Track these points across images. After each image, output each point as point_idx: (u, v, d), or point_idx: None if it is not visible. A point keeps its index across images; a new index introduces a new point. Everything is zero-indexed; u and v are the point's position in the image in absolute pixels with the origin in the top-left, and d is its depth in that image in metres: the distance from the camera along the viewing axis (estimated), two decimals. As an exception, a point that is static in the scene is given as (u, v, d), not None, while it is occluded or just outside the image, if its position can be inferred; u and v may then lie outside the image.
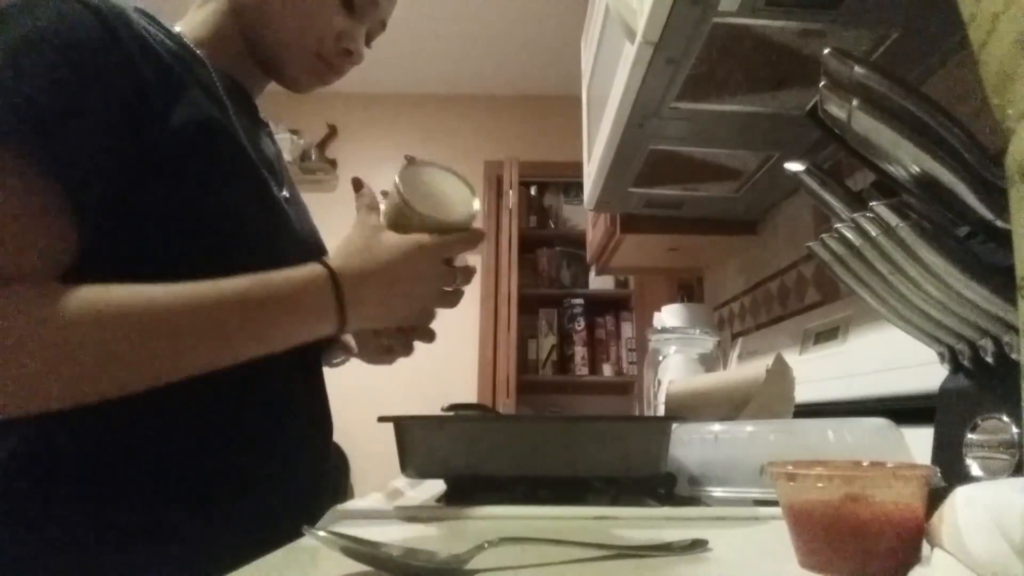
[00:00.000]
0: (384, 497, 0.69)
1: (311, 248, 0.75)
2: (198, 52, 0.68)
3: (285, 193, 0.74)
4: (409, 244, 0.62)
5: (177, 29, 0.70)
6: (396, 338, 0.72)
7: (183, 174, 0.60)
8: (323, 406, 0.78)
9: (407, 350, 0.73)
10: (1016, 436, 0.44)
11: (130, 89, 0.57)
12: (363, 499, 0.67)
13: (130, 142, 0.57)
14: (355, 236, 0.64)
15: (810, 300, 1.24)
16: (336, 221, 1.08)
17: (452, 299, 0.66)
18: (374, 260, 0.61)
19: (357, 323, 0.62)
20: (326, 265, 0.60)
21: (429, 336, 0.70)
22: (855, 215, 0.49)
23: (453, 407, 0.92)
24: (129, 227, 0.58)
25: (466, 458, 0.63)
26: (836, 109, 0.47)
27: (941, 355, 0.53)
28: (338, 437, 0.80)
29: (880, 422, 0.62)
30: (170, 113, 0.59)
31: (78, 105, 0.54)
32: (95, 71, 0.55)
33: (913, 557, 0.34)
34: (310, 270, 0.60)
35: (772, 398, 0.77)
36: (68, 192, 0.53)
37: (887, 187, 0.50)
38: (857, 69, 0.45)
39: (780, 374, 0.78)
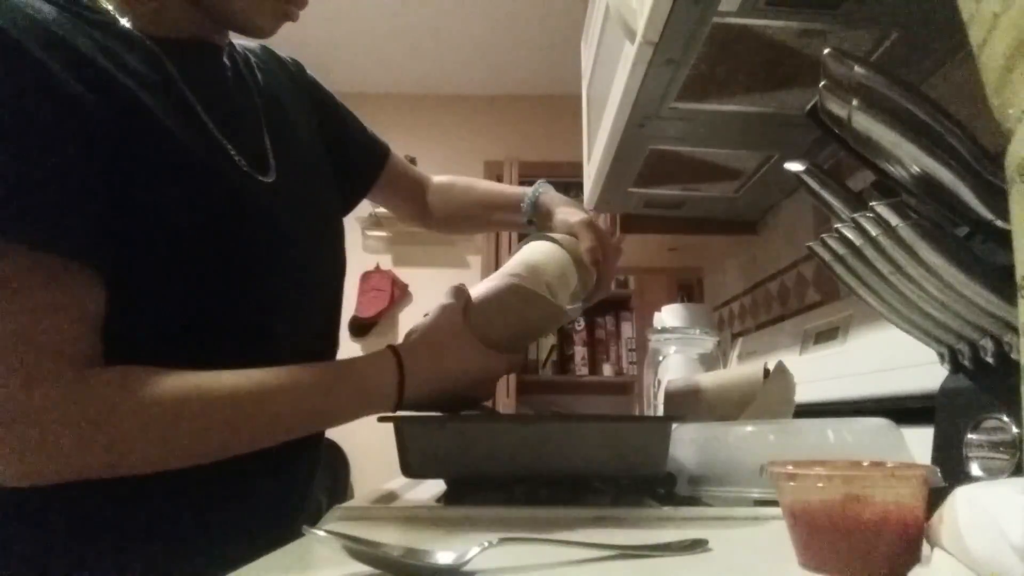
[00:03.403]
0: (384, 497, 0.69)
1: (292, 228, 0.68)
2: (126, 28, 0.61)
3: (270, 175, 0.67)
4: (478, 365, 0.67)
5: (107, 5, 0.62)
6: None
7: (128, 180, 0.56)
8: None
9: None
10: (1016, 436, 0.44)
11: (68, 120, 0.52)
12: (363, 499, 0.67)
13: (86, 172, 0.53)
14: (435, 330, 0.67)
15: (810, 300, 1.24)
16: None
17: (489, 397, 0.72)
18: (442, 360, 0.66)
19: (410, 407, 0.65)
20: (397, 356, 0.64)
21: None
22: (855, 215, 0.49)
23: (453, 407, 0.92)
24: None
25: (466, 458, 0.63)
26: (836, 109, 0.47)
27: (941, 355, 0.53)
28: (338, 437, 0.80)
29: (880, 422, 0.62)
30: (111, 128, 0.55)
31: (21, 164, 0.50)
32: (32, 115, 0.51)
33: (913, 557, 0.34)
34: (382, 362, 0.63)
35: (772, 401, 0.77)
36: (72, 256, 0.52)
37: (887, 187, 0.50)
38: (857, 69, 0.45)
39: (781, 379, 0.78)
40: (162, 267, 0.58)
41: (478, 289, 0.71)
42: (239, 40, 0.76)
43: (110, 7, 0.62)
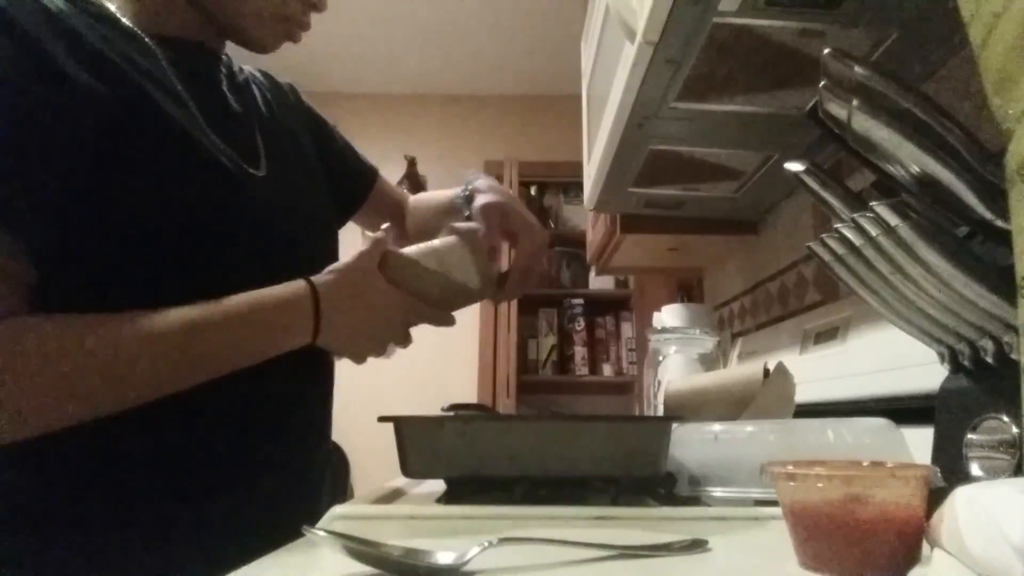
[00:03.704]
0: (383, 497, 0.69)
1: (282, 224, 0.69)
2: (125, 24, 0.62)
3: (260, 170, 0.69)
4: (391, 302, 0.69)
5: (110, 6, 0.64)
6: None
7: (119, 171, 0.57)
8: (324, 406, 0.78)
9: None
10: (1016, 436, 0.44)
11: (61, 101, 0.53)
12: (363, 499, 0.67)
13: (74, 157, 0.54)
14: (352, 270, 0.67)
15: (810, 300, 1.24)
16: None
17: (404, 342, 0.73)
18: (355, 298, 0.66)
19: (324, 343, 0.65)
20: (312, 286, 0.64)
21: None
22: (855, 215, 0.49)
23: (453, 407, 0.92)
24: (74, 236, 0.56)
25: (466, 458, 0.63)
26: (836, 109, 0.47)
27: (941, 355, 0.53)
28: (338, 437, 0.80)
29: (880, 422, 0.62)
30: (107, 113, 0.55)
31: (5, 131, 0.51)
32: (10, 91, 0.51)
33: (913, 557, 0.34)
34: (295, 289, 0.63)
35: (772, 401, 0.77)
36: (11, 233, 0.52)
37: (887, 187, 0.50)
38: (857, 69, 0.45)
39: (780, 379, 0.78)
40: (152, 252, 0.58)
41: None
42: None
43: (111, 5, 0.63)
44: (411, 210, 1.00)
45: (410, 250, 0.73)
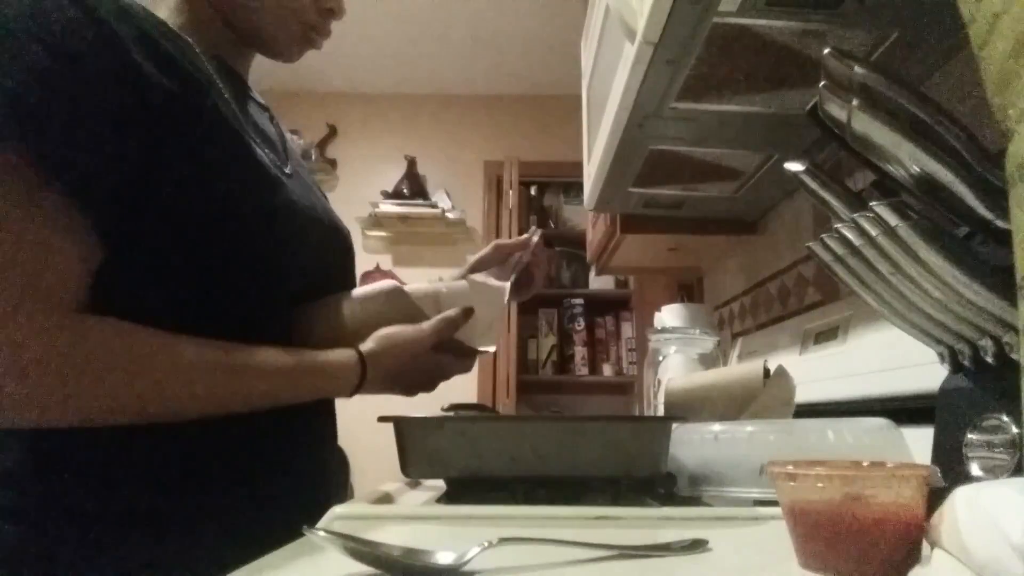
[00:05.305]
0: (383, 497, 0.69)
1: (316, 221, 0.74)
2: (177, 31, 0.65)
3: (288, 170, 0.73)
4: (429, 366, 0.74)
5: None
6: None
7: (183, 162, 0.59)
8: (328, 407, 0.78)
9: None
10: (1016, 436, 0.44)
11: (128, 84, 0.55)
12: (363, 499, 0.67)
13: (133, 139, 0.56)
14: (404, 350, 0.71)
15: (810, 300, 1.24)
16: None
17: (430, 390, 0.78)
18: (400, 373, 0.71)
19: (362, 393, 0.70)
20: (362, 363, 0.68)
21: None
22: (855, 215, 0.49)
23: (453, 407, 0.92)
24: (132, 220, 0.57)
25: (466, 458, 0.63)
26: (836, 109, 0.47)
27: (941, 355, 0.53)
28: (339, 437, 0.80)
29: (880, 422, 0.62)
30: (174, 107, 0.58)
31: (74, 104, 0.52)
32: (87, 66, 0.53)
33: (913, 557, 0.34)
34: (349, 365, 0.67)
35: (772, 402, 0.77)
36: (80, 205, 0.52)
37: (887, 187, 0.50)
38: (857, 69, 0.45)
39: (780, 381, 0.78)
40: (205, 241, 0.61)
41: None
42: None
43: (165, 16, 0.66)
44: None
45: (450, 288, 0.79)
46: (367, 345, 0.69)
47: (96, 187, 0.53)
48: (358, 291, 0.74)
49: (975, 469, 0.47)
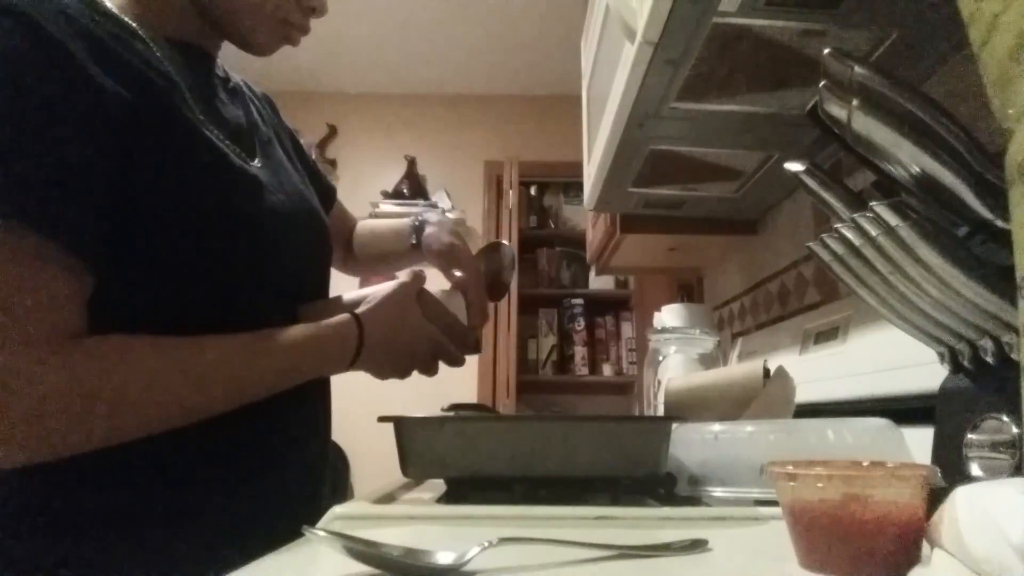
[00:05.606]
0: (383, 497, 0.69)
1: (286, 215, 0.72)
2: (127, 21, 0.63)
3: (257, 162, 0.71)
4: (424, 336, 0.73)
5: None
6: None
7: (146, 170, 0.58)
8: (323, 405, 0.78)
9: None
10: (1016, 436, 0.44)
11: (88, 105, 0.54)
12: (363, 499, 0.67)
13: (100, 164, 0.55)
14: (393, 303, 0.71)
15: (810, 300, 1.24)
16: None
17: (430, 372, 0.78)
18: (395, 332, 0.71)
19: (356, 369, 0.70)
20: (358, 321, 0.68)
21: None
22: (855, 215, 0.49)
23: (453, 407, 0.92)
24: (111, 237, 0.56)
25: (466, 458, 0.63)
26: (836, 109, 0.47)
27: (941, 355, 0.53)
28: (338, 437, 0.80)
29: (880, 422, 0.62)
30: (135, 118, 0.57)
31: (38, 141, 0.51)
32: (45, 98, 0.52)
33: (913, 557, 0.34)
34: (345, 324, 0.67)
35: (772, 402, 0.77)
36: (67, 246, 0.52)
37: (887, 187, 0.50)
38: (857, 69, 0.45)
39: (780, 381, 0.78)
40: (175, 243, 0.60)
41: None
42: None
43: (109, 3, 0.63)
44: (358, 233, 1.02)
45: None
46: (359, 309, 0.70)
47: (73, 227, 0.53)
48: (359, 292, 0.74)
49: (975, 469, 0.47)
